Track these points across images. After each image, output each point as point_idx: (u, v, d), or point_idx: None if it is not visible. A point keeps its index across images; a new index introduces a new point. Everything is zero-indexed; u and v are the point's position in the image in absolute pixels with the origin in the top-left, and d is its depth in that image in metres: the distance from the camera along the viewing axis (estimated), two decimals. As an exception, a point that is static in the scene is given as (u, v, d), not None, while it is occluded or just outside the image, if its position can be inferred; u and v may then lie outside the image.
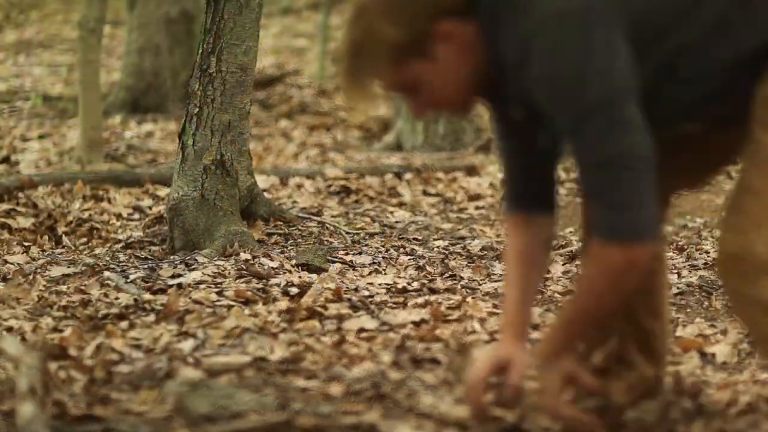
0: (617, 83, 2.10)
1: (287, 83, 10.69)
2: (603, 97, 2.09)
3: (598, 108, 2.09)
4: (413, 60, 2.16)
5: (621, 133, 2.09)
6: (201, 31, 4.64)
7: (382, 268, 4.26)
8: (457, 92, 2.23)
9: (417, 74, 2.18)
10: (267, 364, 2.99)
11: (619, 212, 2.11)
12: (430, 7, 2.14)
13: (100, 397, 2.71)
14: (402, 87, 2.22)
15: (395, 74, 2.18)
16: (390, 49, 2.14)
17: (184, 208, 4.59)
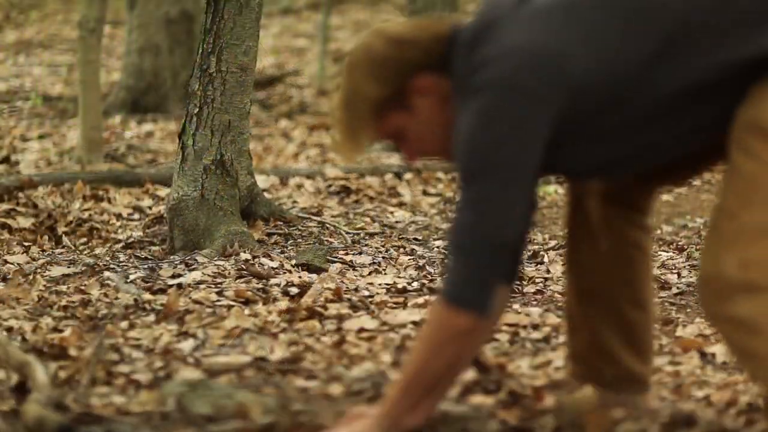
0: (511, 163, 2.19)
1: (287, 83, 10.69)
2: (494, 169, 2.20)
3: (483, 176, 2.22)
4: (394, 112, 2.32)
5: (491, 211, 2.23)
6: (201, 31, 4.64)
7: (382, 268, 4.26)
8: (437, 141, 2.35)
9: (398, 125, 2.33)
10: (267, 364, 2.99)
11: (461, 274, 2.24)
12: (408, 65, 2.30)
13: (100, 397, 2.71)
14: (387, 136, 2.37)
15: (379, 126, 2.34)
16: (372, 104, 2.31)
17: (184, 208, 4.59)
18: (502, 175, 2.20)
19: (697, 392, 2.79)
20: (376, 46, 2.33)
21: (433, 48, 2.30)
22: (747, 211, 2.19)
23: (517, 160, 2.20)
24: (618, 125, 2.24)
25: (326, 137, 8.33)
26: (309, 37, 13.22)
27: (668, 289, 4.04)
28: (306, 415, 2.53)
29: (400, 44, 2.31)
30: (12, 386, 2.77)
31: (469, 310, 2.23)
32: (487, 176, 2.21)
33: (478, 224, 2.23)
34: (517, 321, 3.43)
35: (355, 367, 2.96)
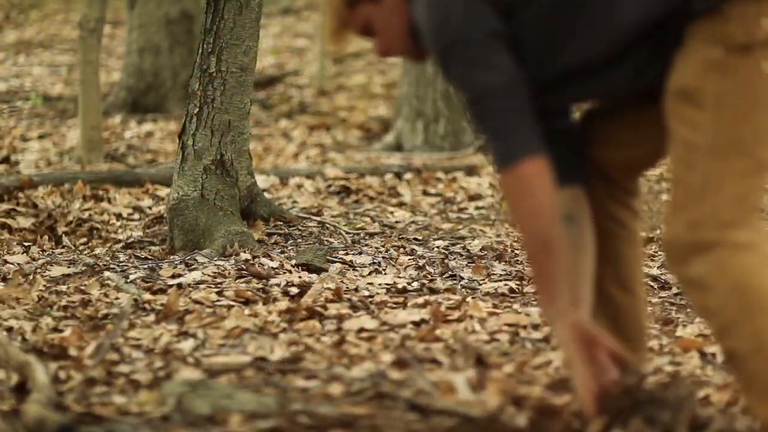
0: (474, 27, 2.32)
1: (287, 83, 10.69)
2: (456, 41, 2.33)
3: (452, 51, 2.35)
4: (363, 3, 2.49)
5: (475, 72, 2.33)
6: (201, 31, 4.64)
7: (382, 268, 4.26)
8: (402, 35, 2.49)
9: (367, 17, 2.49)
10: (267, 364, 2.99)
11: (494, 142, 2.36)
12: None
13: (100, 397, 2.71)
14: (361, 30, 2.52)
15: (351, 18, 2.50)
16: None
17: (184, 208, 4.59)
18: (468, 40, 2.33)
19: (697, 392, 2.79)
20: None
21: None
22: (688, 174, 2.28)
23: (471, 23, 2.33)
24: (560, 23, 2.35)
25: (326, 137, 8.33)
26: (309, 37, 13.22)
27: (668, 289, 4.04)
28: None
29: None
30: (12, 386, 2.77)
31: (517, 159, 2.33)
32: (456, 48, 2.34)
33: (474, 89, 2.34)
34: (517, 321, 3.43)
35: (355, 367, 2.96)
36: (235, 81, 4.61)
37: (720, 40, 2.27)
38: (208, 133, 4.61)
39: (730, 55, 2.26)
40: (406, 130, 7.90)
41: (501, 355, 3.08)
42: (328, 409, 2.61)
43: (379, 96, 10.00)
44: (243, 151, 4.72)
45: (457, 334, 3.27)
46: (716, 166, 2.26)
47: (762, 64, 2.26)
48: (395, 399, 2.72)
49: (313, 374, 2.90)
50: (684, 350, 3.19)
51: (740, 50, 2.26)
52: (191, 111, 4.63)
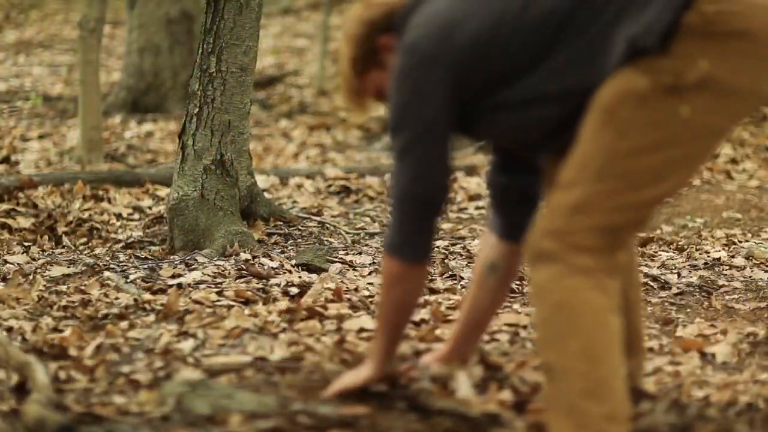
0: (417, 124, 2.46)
1: (287, 83, 10.68)
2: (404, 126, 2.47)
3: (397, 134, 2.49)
4: (372, 70, 2.63)
5: (407, 167, 2.48)
6: (201, 31, 4.64)
7: (382, 268, 4.25)
8: None
9: (376, 81, 2.63)
10: (267, 364, 2.99)
11: (393, 226, 2.55)
12: (374, 26, 2.62)
13: (100, 397, 2.71)
14: (373, 93, 2.67)
15: (362, 83, 2.65)
16: (351, 63, 2.63)
17: (184, 208, 4.59)
18: (415, 130, 2.46)
19: (698, 392, 2.80)
20: (355, 11, 2.67)
21: (396, 12, 2.59)
22: (571, 188, 2.30)
23: (424, 116, 2.45)
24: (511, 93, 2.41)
25: (326, 137, 8.33)
26: (309, 37, 13.22)
27: (668, 289, 4.04)
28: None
29: (372, 7, 2.64)
30: (12, 386, 2.77)
31: (397, 256, 2.55)
32: (404, 131, 2.47)
33: (401, 177, 2.51)
34: (517, 321, 3.43)
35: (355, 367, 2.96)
36: (235, 81, 4.61)
37: (651, 72, 2.25)
38: (208, 133, 4.61)
39: (653, 90, 2.25)
40: (406, 130, 7.88)
41: (501, 355, 3.08)
42: (328, 409, 2.61)
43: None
44: (243, 151, 4.72)
45: None
46: (597, 191, 2.28)
47: (680, 108, 2.24)
48: (395, 399, 2.72)
49: (313, 374, 2.90)
50: (684, 350, 3.19)
51: (666, 89, 2.24)
52: (191, 111, 4.63)
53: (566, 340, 2.27)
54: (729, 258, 4.56)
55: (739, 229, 5.23)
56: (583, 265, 2.28)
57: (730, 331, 3.40)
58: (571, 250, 2.28)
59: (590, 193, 2.28)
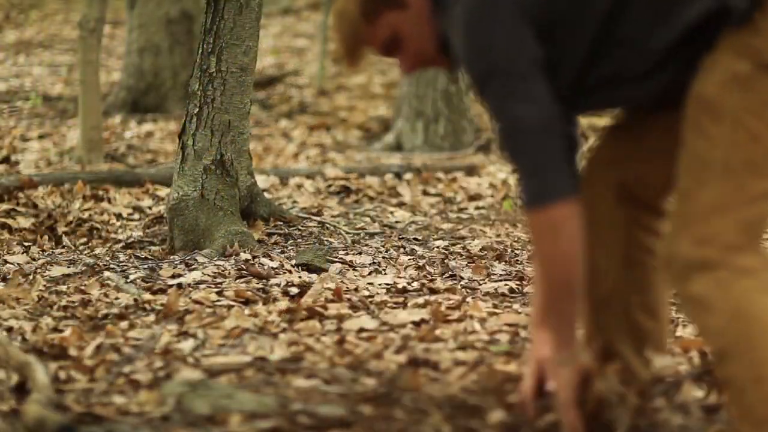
0: (510, 58, 2.24)
1: (287, 83, 10.69)
2: (497, 67, 2.24)
3: (492, 78, 2.26)
4: (387, 11, 2.35)
5: (513, 103, 2.25)
6: (201, 31, 4.64)
7: (382, 268, 4.25)
8: (432, 40, 2.39)
9: (393, 25, 2.36)
10: (267, 364, 2.99)
11: (525, 180, 2.28)
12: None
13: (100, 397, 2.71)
14: (385, 44, 2.39)
15: (375, 31, 2.36)
16: (362, 4, 2.34)
17: (184, 208, 4.59)
18: (509, 69, 2.24)
19: (698, 392, 2.79)
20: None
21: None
22: (699, 191, 2.22)
23: (514, 51, 2.25)
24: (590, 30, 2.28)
25: (326, 137, 8.33)
26: (309, 37, 13.22)
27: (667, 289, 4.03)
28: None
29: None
30: (12, 386, 2.77)
31: (549, 201, 2.25)
32: (496, 75, 2.25)
33: (510, 120, 2.26)
34: (517, 321, 3.43)
35: (356, 367, 2.95)
36: (235, 81, 4.61)
37: (748, 54, 2.18)
38: (208, 133, 4.61)
39: (756, 72, 2.18)
40: (406, 130, 7.90)
41: (501, 355, 3.08)
42: (328, 409, 2.61)
43: (379, 96, 10.00)
44: (243, 151, 4.72)
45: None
46: (728, 187, 2.19)
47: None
48: (395, 399, 2.72)
49: (313, 374, 2.90)
50: (684, 350, 3.19)
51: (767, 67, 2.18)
52: (191, 111, 4.63)
53: (751, 350, 2.17)
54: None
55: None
56: (745, 265, 2.18)
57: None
58: (728, 252, 2.18)
59: (723, 190, 2.20)
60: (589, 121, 8.28)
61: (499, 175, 6.61)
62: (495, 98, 2.28)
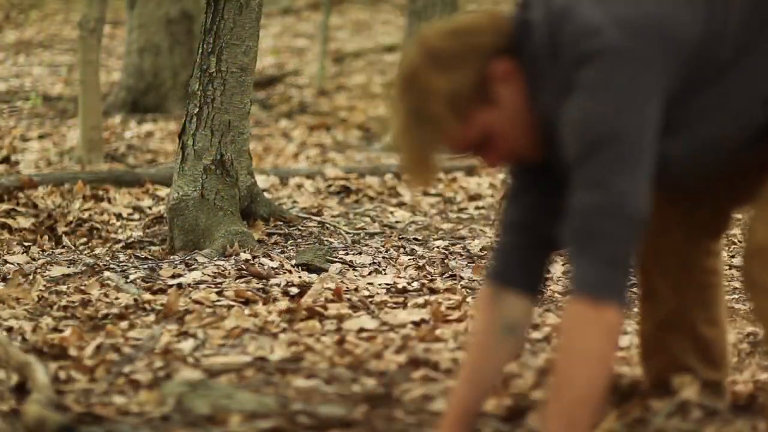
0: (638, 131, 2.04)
1: (287, 83, 10.68)
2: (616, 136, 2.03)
3: (606, 147, 2.03)
4: (478, 109, 2.10)
5: (622, 179, 2.03)
6: (201, 31, 4.64)
7: (382, 268, 4.25)
8: (525, 135, 2.16)
9: (485, 123, 2.11)
10: (267, 364, 2.99)
11: (597, 265, 2.03)
12: (480, 50, 2.09)
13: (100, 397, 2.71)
14: (473, 142, 2.14)
15: (464, 129, 2.10)
16: (451, 102, 2.07)
17: (184, 208, 4.59)
18: (624, 143, 2.02)
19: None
20: (432, 45, 2.08)
21: (500, 31, 2.11)
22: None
23: (638, 124, 2.04)
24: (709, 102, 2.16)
25: (326, 137, 8.33)
26: (309, 37, 13.22)
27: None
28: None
29: (461, 34, 2.09)
30: (12, 386, 2.77)
31: (611, 300, 2.01)
32: (610, 146, 2.02)
33: (612, 196, 2.02)
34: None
35: (356, 367, 2.95)
36: (235, 81, 4.61)
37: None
38: (208, 133, 4.61)
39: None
40: (406, 130, 7.88)
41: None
42: (328, 409, 2.61)
43: (379, 96, 9.99)
44: (243, 151, 4.72)
45: None
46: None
47: None
48: (395, 399, 2.72)
49: (313, 374, 2.90)
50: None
51: None
52: (191, 111, 4.63)
53: None
54: (729, 258, 4.56)
55: (739, 229, 5.23)
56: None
57: (730, 331, 3.39)
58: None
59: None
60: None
61: (499, 175, 6.61)
62: (601, 169, 2.02)
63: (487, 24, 2.11)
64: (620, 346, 2.18)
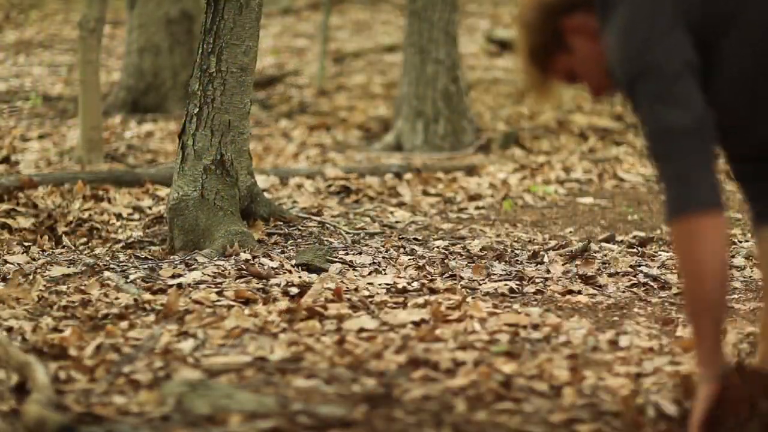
0: (665, 58, 2.27)
1: (287, 83, 10.68)
2: (651, 66, 2.27)
3: (644, 78, 2.27)
4: (558, 55, 2.45)
5: (664, 106, 2.25)
6: (201, 31, 4.64)
7: (382, 268, 4.26)
8: (602, 75, 2.43)
9: (565, 66, 2.47)
10: (267, 364, 2.99)
11: (670, 187, 2.25)
12: (557, 8, 2.44)
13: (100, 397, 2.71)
14: (563, 78, 2.49)
15: (550, 70, 2.47)
16: (533, 52, 2.46)
17: (184, 208, 4.59)
18: (663, 68, 2.26)
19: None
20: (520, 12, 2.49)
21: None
22: None
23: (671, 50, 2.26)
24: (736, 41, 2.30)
25: (326, 137, 8.33)
26: (309, 37, 13.22)
27: (668, 289, 4.04)
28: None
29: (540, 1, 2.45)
30: (12, 386, 2.77)
31: (693, 210, 2.22)
32: (649, 74, 2.27)
33: (659, 123, 2.25)
34: (517, 321, 3.43)
35: (356, 367, 2.96)
36: (235, 81, 4.61)
37: None
38: (208, 133, 4.61)
39: None
40: (406, 130, 7.90)
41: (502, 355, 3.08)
42: (328, 409, 2.61)
43: (379, 96, 9.99)
44: (243, 151, 4.72)
45: None
46: None
47: None
48: (395, 399, 2.72)
49: (313, 374, 2.90)
50: (684, 350, 3.19)
51: None
52: (191, 111, 4.63)
53: None
54: (729, 258, 4.56)
55: (738, 229, 5.23)
56: None
57: (730, 331, 3.39)
58: None
59: None
60: (589, 121, 8.27)
61: (499, 175, 6.61)
62: (645, 100, 2.27)
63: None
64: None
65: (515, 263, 4.38)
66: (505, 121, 8.61)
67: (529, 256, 4.49)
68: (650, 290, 4.02)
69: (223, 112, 4.61)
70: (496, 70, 11.20)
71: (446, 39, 7.71)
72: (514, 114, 8.87)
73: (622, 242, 4.91)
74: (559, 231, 5.27)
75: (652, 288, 4.05)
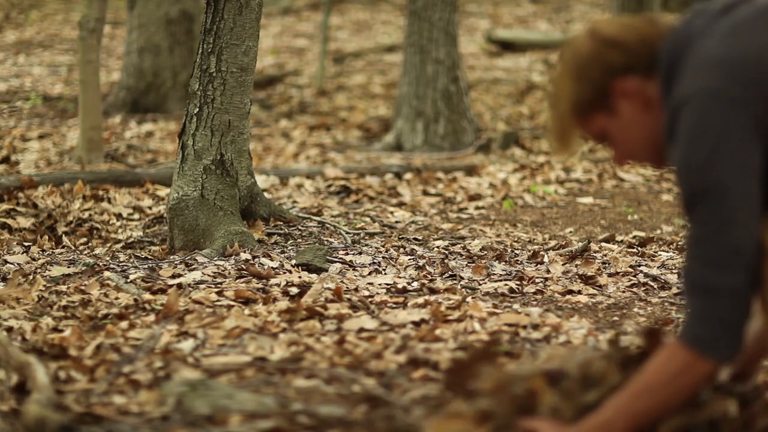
0: (734, 179, 2.11)
1: (287, 83, 10.69)
2: (712, 188, 2.11)
3: (704, 199, 2.12)
4: (597, 113, 2.29)
5: (732, 229, 2.11)
6: (201, 31, 4.64)
7: (382, 268, 4.26)
8: (641, 146, 2.30)
9: (602, 126, 2.30)
10: (267, 364, 2.99)
11: (707, 316, 2.13)
12: (611, 67, 2.26)
13: (100, 397, 2.71)
14: (593, 137, 2.33)
15: (583, 126, 2.31)
16: (573, 105, 2.28)
17: (184, 208, 4.59)
18: (729, 189, 2.11)
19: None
20: (583, 45, 2.29)
21: (640, 51, 2.25)
22: None
23: (733, 172, 2.11)
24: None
25: (326, 137, 8.33)
26: (309, 37, 13.22)
27: (668, 289, 4.04)
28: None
29: (606, 45, 2.26)
30: (12, 386, 2.77)
31: (717, 356, 2.14)
32: (711, 200, 2.12)
33: (718, 250, 2.13)
34: (517, 321, 3.43)
35: (356, 367, 2.96)
36: (235, 81, 4.61)
37: None
38: (208, 133, 4.61)
39: None
40: (406, 130, 7.90)
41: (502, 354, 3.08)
42: (328, 409, 2.61)
43: (379, 96, 10.00)
44: (243, 151, 4.72)
45: None
46: None
47: None
48: (395, 399, 2.72)
49: (313, 374, 2.90)
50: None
51: None
52: (191, 111, 4.63)
53: None
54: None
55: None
56: None
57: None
58: None
59: None
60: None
61: (499, 175, 6.61)
62: (704, 223, 2.13)
63: (633, 40, 2.27)
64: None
65: (515, 263, 4.38)
66: (505, 121, 8.61)
67: (529, 256, 4.49)
68: (650, 290, 4.02)
69: (223, 112, 4.61)
70: (496, 70, 11.21)
71: (446, 39, 7.72)
72: (514, 114, 8.87)
73: (622, 242, 4.92)
74: (559, 231, 5.28)
75: (652, 288, 4.05)
